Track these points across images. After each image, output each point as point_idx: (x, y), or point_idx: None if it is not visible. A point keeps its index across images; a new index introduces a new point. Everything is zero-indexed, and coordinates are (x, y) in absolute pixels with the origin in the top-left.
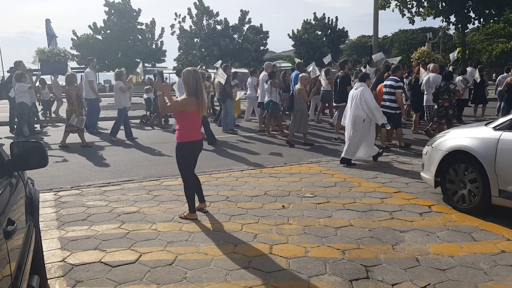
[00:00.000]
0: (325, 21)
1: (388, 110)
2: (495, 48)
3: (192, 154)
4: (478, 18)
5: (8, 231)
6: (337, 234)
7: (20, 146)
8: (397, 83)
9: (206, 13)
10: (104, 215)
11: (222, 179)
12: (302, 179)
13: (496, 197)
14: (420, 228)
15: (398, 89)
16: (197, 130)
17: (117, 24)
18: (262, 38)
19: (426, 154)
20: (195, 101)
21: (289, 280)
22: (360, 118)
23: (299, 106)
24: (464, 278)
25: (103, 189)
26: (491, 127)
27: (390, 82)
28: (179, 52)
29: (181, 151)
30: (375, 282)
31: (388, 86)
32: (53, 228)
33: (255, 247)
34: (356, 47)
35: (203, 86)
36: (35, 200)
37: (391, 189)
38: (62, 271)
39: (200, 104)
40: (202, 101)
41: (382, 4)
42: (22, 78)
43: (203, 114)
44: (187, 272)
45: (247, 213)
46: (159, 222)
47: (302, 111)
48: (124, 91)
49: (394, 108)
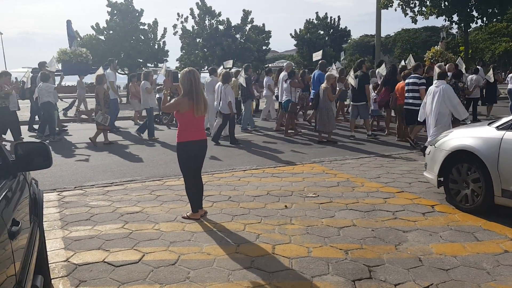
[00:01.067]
0: (327, 21)
1: (412, 106)
2: (498, 47)
3: (191, 154)
4: (481, 17)
5: (13, 231)
6: (340, 234)
7: (24, 147)
8: (420, 80)
9: (209, 13)
10: (107, 215)
11: (225, 179)
12: (305, 179)
13: (499, 196)
14: (423, 228)
15: (422, 86)
16: (197, 131)
17: (119, 25)
18: (265, 38)
19: (429, 154)
20: (188, 102)
21: (292, 280)
22: (444, 114)
23: (324, 104)
24: (467, 278)
25: (106, 189)
26: (494, 126)
27: (413, 80)
28: (181, 52)
29: (180, 151)
30: (378, 282)
31: (411, 84)
32: (56, 228)
33: (258, 247)
34: (359, 46)
35: (201, 86)
36: (39, 200)
37: (394, 189)
38: (66, 271)
39: (194, 105)
40: (196, 102)
41: (385, 3)
42: (48, 78)
43: (198, 115)
44: (190, 272)
45: (249, 213)
46: (162, 222)
47: (327, 109)
48: (150, 92)
49: (417, 105)
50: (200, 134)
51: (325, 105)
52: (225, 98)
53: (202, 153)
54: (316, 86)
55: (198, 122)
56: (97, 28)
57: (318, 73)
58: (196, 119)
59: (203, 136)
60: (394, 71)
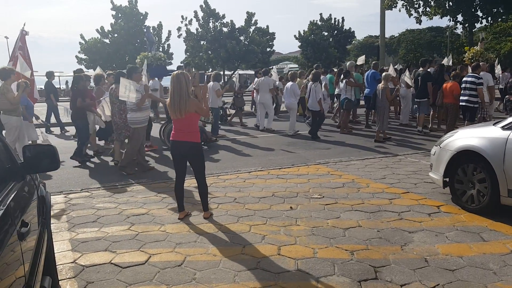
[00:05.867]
0: (331, 22)
1: (468, 104)
2: (503, 47)
3: (176, 153)
4: (486, 17)
5: (22, 232)
6: (345, 235)
7: (32, 149)
8: (478, 80)
9: (213, 15)
10: (114, 217)
11: (230, 181)
12: (310, 180)
13: (505, 197)
14: (429, 229)
15: (480, 85)
16: (179, 132)
17: (124, 28)
18: (269, 39)
19: (434, 155)
20: (169, 104)
21: (298, 281)
22: None
23: (382, 103)
24: (473, 279)
25: (112, 191)
26: (500, 126)
27: (471, 79)
28: (186, 55)
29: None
30: (384, 283)
31: (469, 83)
32: (64, 230)
33: (264, 248)
34: (363, 47)
35: (184, 89)
36: (47, 202)
37: (399, 189)
38: (73, 272)
39: (173, 107)
40: (172, 104)
41: (389, 4)
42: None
43: (177, 117)
44: (196, 273)
45: (255, 214)
46: (168, 223)
47: (383, 108)
48: (220, 95)
49: (473, 102)
50: (183, 135)
51: (383, 104)
52: (314, 95)
53: (193, 156)
54: (371, 86)
55: (181, 123)
56: (102, 32)
57: (371, 73)
58: (178, 120)
59: (187, 138)
60: (442, 70)
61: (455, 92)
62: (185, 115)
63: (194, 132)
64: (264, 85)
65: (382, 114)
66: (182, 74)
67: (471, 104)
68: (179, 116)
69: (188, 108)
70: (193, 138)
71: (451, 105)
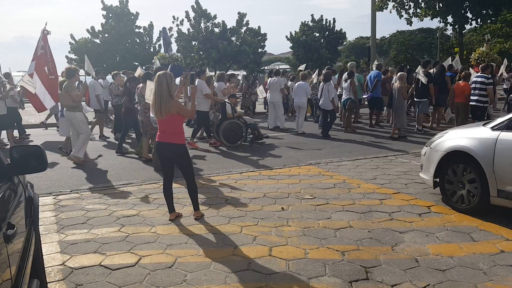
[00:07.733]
0: (322, 23)
1: (477, 103)
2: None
3: (161, 154)
4: (476, 19)
5: (8, 235)
6: (336, 235)
7: (19, 151)
8: (488, 80)
9: (204, 16)
10: (104, 218)
11: (221, 182)
12: (301, 181)
13: (494, 197)
14: (420, 229)
15: (489, 86)
16: (162, 133)
17: (115, 28)
18: (260, 40)
19: (424, 155)
20: (152, 104)
21: (289, 282)
22: None
23: (398, 102)
24: (463, 279)
25: (102, 192)
26: (489, 127)
27: (481, 79)
28: (177, 55)
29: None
30: (375, 283)
31: (479, 83)
32: (52, 231)
33: (255, 249)
34: (354, 48)
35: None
36: (35, 204)
37: (390, 190)
38: (62, 274)
39: (154, 107)
40: (157, 104)
41: (380, 6)
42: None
43: (158, 118)
44: (187, 275)
45: (246, 215)
46: (159, 225)
47: (401, 107)
48: (226, 93)
49: (483, 102)
50: (166, 137)
51: (400, 103)
52: (327, 95)
53: (178, 158)
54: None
55: (163, 124)
56: (92, 32)
57: (374, 73)
58: (161, 121)
59: (170, 140)
60: (443, 71)
61: (466, 92)
62: (166, 116)
63: (177, 133)
64: (275, 85)
65: (399, 113)
66: (164, 75)
67: (481, 104)
68: (159, 117)
69: (169, 109)
70: (176, 139)
71: (462, 105)
